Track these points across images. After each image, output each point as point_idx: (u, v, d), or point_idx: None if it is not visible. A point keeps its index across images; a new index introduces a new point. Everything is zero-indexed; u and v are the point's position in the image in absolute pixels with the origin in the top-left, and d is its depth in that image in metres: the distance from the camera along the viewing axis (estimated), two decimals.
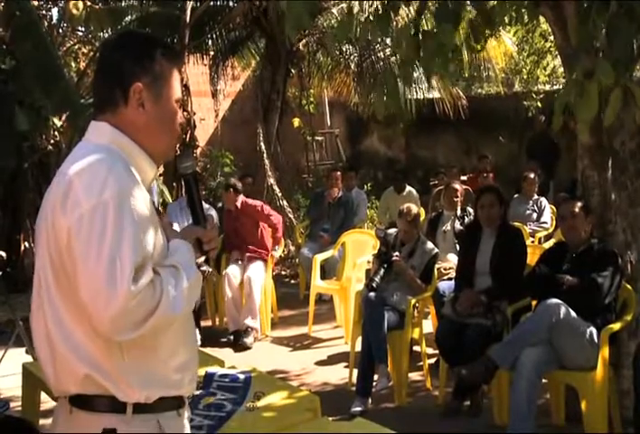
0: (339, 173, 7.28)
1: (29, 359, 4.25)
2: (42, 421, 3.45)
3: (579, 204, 3.73)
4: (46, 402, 3.56)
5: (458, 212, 5.52)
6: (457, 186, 5.66)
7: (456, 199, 5.54)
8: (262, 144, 8.93)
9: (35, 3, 7.58)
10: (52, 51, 6.97)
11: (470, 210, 5.41)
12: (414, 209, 4.72)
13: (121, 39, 1.65)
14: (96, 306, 1.37)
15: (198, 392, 2.89)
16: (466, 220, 5.40)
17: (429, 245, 4.64)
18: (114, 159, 1.47)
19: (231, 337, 5.70)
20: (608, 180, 3.86)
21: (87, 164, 1.44)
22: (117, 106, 1.54)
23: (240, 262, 5.94)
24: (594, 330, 3.47)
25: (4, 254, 7.33)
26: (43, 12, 7.97)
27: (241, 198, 6.05)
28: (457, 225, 5.40)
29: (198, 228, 1.71)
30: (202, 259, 1.69)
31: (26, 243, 7.31)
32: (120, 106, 1.54)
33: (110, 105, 1.55)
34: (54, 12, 8.62)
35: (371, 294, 4.35)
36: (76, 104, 6.35)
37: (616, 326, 3.53)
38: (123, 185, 1.42)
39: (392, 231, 4.85)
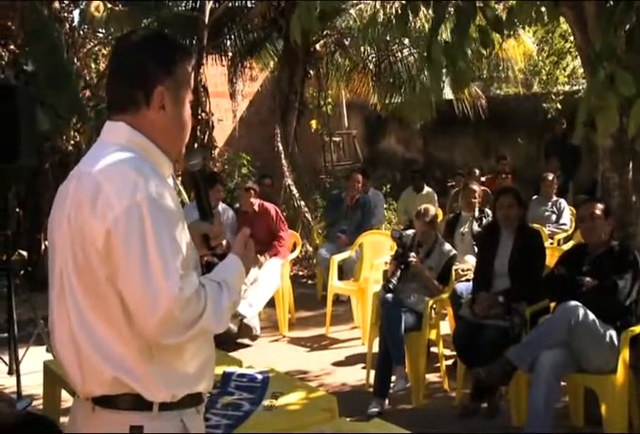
0: (359, 175, 7.28)
1: (50, 357, 4.30)
2: (62, 419, 3.47)
3: (599, 206, 3.70)
4: (67, 400, 3.60)
5: (476, 214, 5.49)
6: (475, 187, 5.64)
7: (473, 200, 5.52)
8: (280, 144, 8.96)
9: (57, 5, 7.65)
10: (65, 54, 7.06)
11: (488, 211, 5.39)
12: (432, 209, 4.71)
13: (143, 40, 1.63)
14: (143, 310, 1.38)
15: (216, 392, 2.90)
16: (484, 221, 5.38)
17: (447, 246, 4.62)
18: (139, 159, 1.48)
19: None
20: (629, 182, 3.83)
21: (113, 165, 1.45)
22: (138, 107, 1.54)
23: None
24: (614, 332, 3.44)
25: (25, 253, 7.45)
26: (65, 14, 8.02)
27: (257, 201, 6.09)
28: (475, 227, 5.37)
29: (205, 223, 1.73)
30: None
31: (47, 242, 7.38)
32: (142, 107, 1.54)
33: (130, 105, 1.54)
34: (75, 14, 8.70)
35: (389, 295, 4.34)
36: (84, 107, 6.47)
37: (638, 329, 3.49)
38: (153, 186, 1.42)
39: (410, 232, 4.84)
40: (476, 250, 5.04)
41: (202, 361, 1.55)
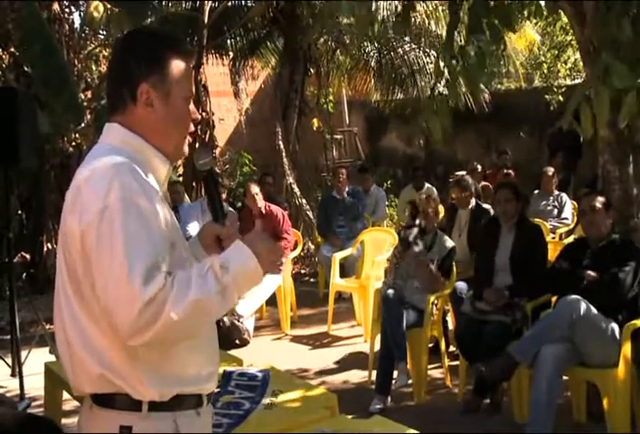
0: (344, 169, 7.29)
1: (52, 359, 4.31)
2: (63, 420, 3.49)
3: (600, 199, 3.68)
4: (68, 402, 3.61)
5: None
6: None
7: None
8: (281, 143, 8.96)
9: (56, 6, 7.65)
10: (65, 56, 7.07)
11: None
12: (435, 196, 4.72)
13: (128, 38, 1.64)
14: (113, 312, 1.37)
15: (216, 391, 2.90)
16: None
17: (447, 239, 4.61)
18: (122, 161, 1.46)
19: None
20: (630, 175, 3.81)
21: (95, 168, 1.45)
22: (126, 106, 1.55)
23: None
24: (615, 326, 3.42)
25: (27, 255, 7.47)
26: (65, 15, 8.01)
27: (264, 203, 6.12)
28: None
29: (217, 225, 1.71)
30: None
31: (49, 244, 7.40)
32: (129, 106, 1.54)
33: (120, 106, 1.55)
34: (76, 16, 8.71)
35: (390, 292, 4.34)
36: (80, 108, 6.48)
37: (639, 322, 3.48)
38: (129, 188, 1.41)
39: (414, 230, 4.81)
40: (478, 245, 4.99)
41: (198, 362, 1.54)
